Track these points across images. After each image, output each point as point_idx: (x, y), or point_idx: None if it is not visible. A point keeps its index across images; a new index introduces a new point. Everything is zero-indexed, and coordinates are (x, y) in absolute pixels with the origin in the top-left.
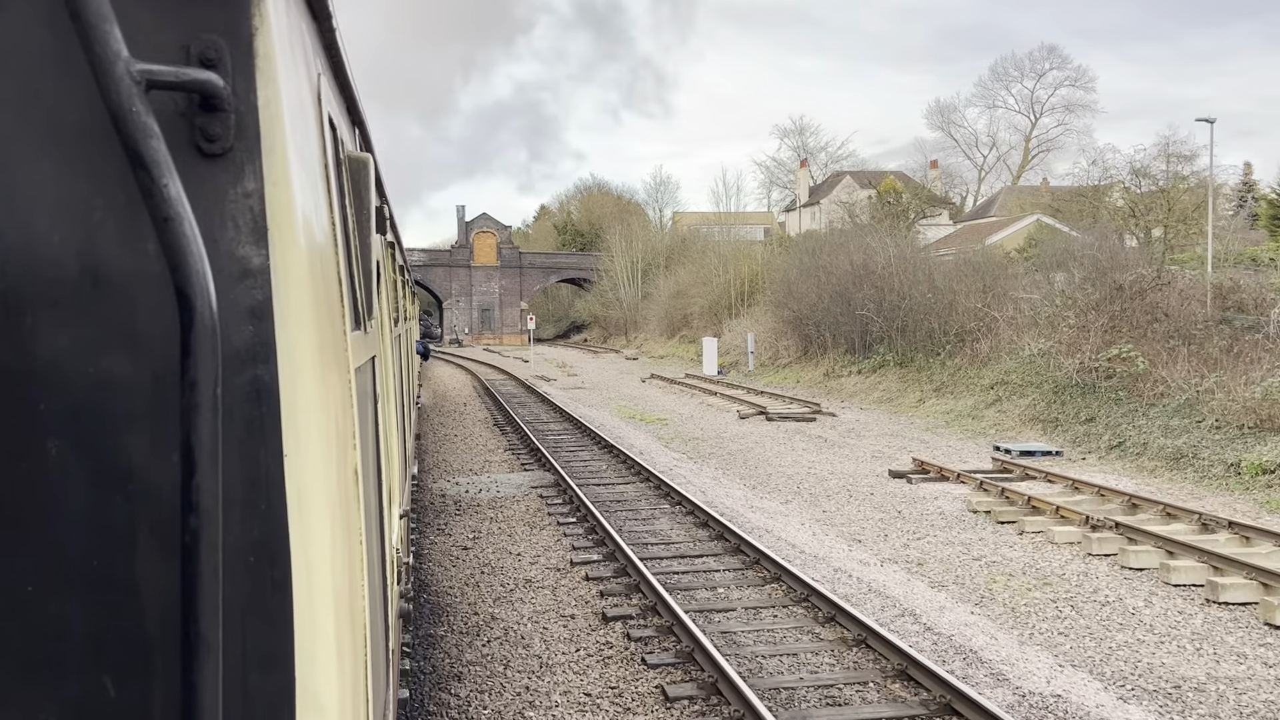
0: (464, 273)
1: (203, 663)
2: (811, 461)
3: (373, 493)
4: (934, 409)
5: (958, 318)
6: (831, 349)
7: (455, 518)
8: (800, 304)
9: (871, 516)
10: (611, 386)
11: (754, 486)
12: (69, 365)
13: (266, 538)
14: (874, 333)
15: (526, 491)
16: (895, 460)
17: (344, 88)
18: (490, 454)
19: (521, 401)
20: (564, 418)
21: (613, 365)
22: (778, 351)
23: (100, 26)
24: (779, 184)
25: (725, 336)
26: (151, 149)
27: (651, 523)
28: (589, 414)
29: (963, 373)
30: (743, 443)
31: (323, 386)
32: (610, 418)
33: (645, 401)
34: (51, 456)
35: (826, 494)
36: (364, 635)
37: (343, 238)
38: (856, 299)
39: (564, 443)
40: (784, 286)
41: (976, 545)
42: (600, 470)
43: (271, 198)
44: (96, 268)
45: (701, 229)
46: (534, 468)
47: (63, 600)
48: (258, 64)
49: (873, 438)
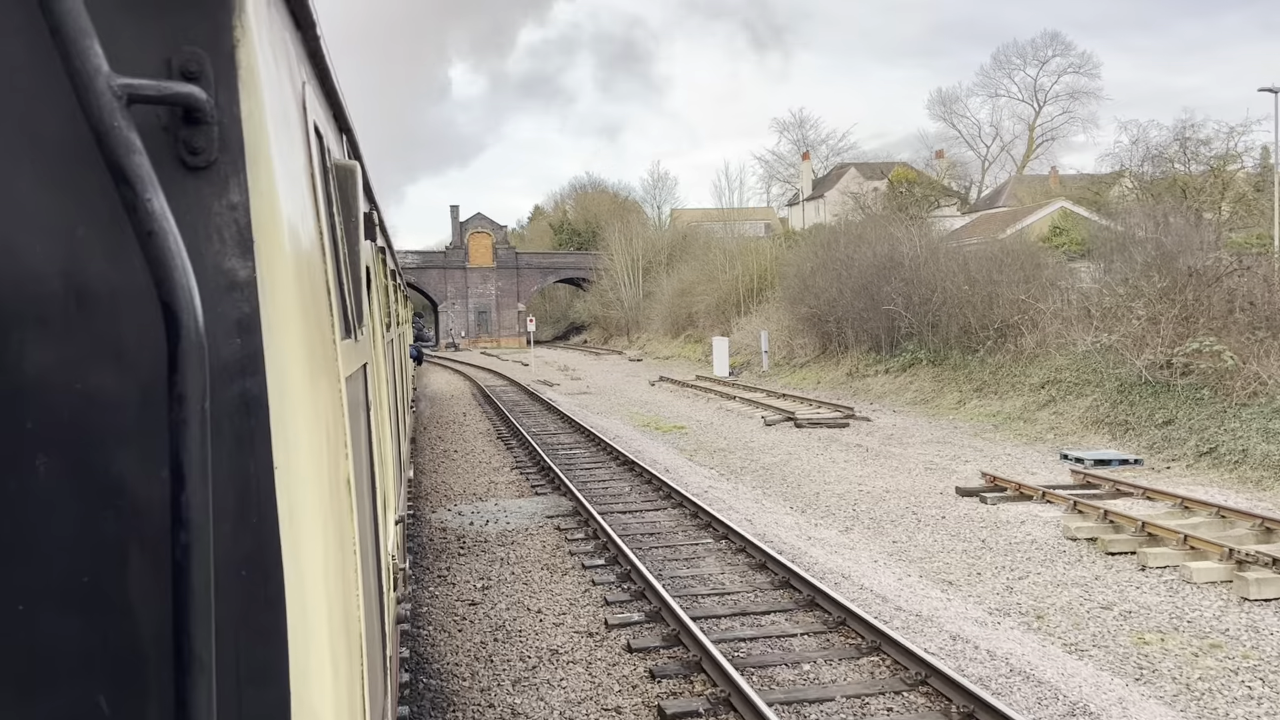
0: (459, 275)
1: (196, 679)
2: (859, 476)
3: (366, 501)
4: (977, 411)
5: (1000, 310)
6: (854, 347)
7: (459, 559)
8: (818, 300)
9: (952, 548)
10: (619, 391)
11: (803, 510)
12: (56, 382)
13: (258, 551)
14: (902, 329)
15: (541, 522)
16: (953, 472)
17: (330, 95)
18: (495, 473)
19: (525, 410)
20: (573, 428)
21: (617, 367)
22: (793, 350)
23: (80, 41)
24: (779, 178)
25: (735, 335)
26: (134, 164)
27: (696, 564)
28: (600, 423)
29: (1006, 371)
30: (775, 454)
31: (312, 397)
32: (623, 427)
33: (658, 407)
34: (40, 474)
35: (889, 518)
36: (360, 646)
37: (330, 246)
38: (883, 293)
39: (577, 459)
40: (799, 281)
41: (1097, 588)
42: (623, 493)
43: (257, 209)
44: (82, 284)
45: (703, 225)
46: (547, 491)
47: (55, 618)
48: (240, 75)
49: (918, 445)
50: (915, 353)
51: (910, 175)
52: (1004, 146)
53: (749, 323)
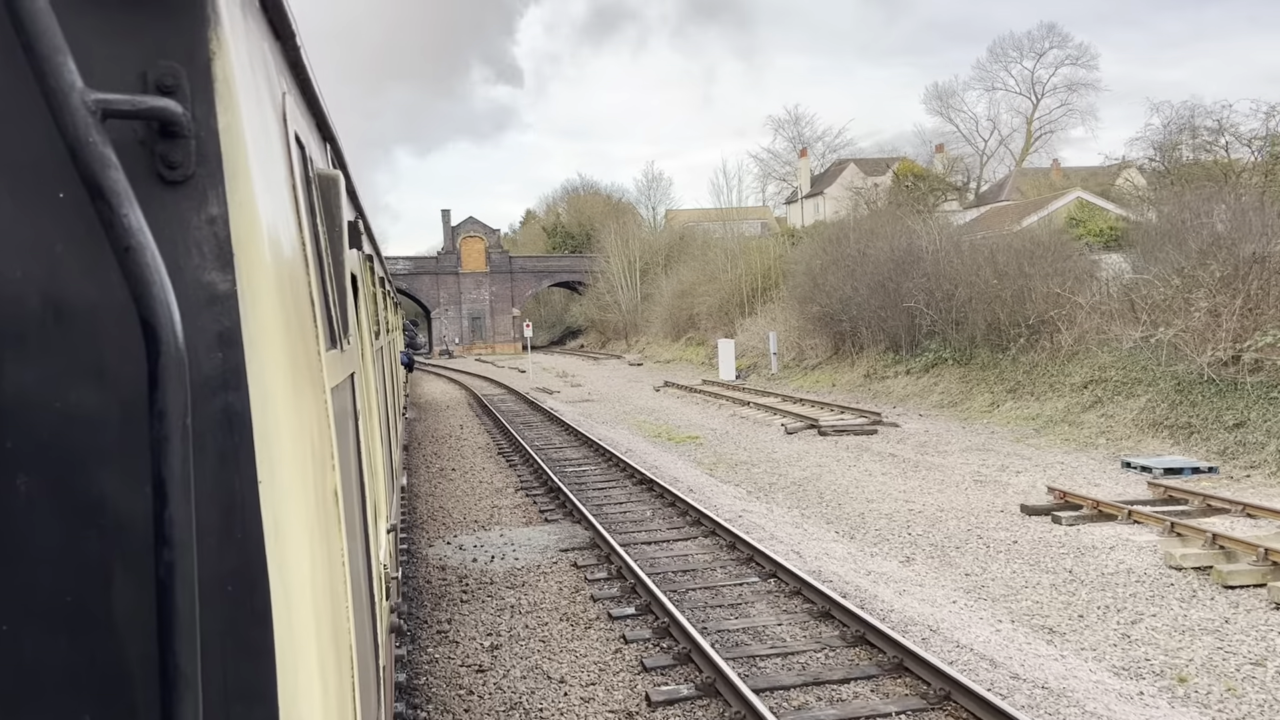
0: (452, 280)
1: (182, 697)
2: (902, 492)
3: (355, 511)
4: (1013, 414)
5: (1034, 305)
6: (870, 347)
7: (462, 608)
8: (830, 298)
9: (1037, 581)
10: (623, 397)
11: (851, 535)
12: (35, 400)
13: (244, 566)
14: (923, 327)
15: (554, 558)
16: (1005, 485)
17: (312, 105)
18: (499, 496)
19: (526, 421)
20: (580, 440)
21: (617, 373)
22: (802, 351)
23: (53, 58)
24: (775, 176)
25: (739, 337)
26: (110, 179)
27: (745, 612)
28: (608, 434)
29: (1042, 370)
30: (803, 467)
31: (296, 410)
32: (633, 438)
33: (666, 415)
34: (21, 493)
35: (952, 543)
36: (350, 658)
37: (314, 257)
38: (902, 289)
39: (588, 476)
40: (808, 280)
41: (1233, 635)
42: (645, 519)
43: (236, 222)
44: (60, 300)
45: (700, 225)
46: (558, 517)
47: (39, 638)
48: (217, 88)
49: (958, 454)
50: (939, 352)
51: (916, 169)
52: (1002, 140)
53: (754, 324)
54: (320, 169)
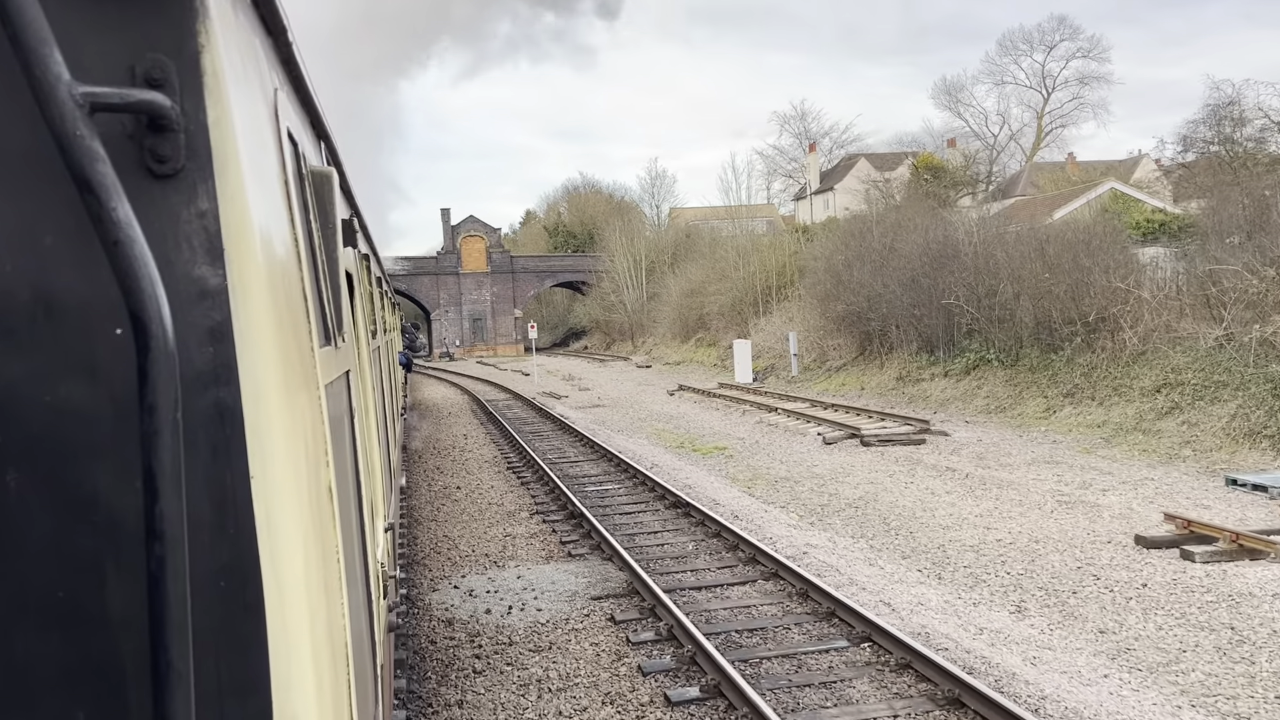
0: (452, 280)
1: (174, 691)
2: (977, 516)
3: (351, 508)
4: (1075, 421)
5: (1093, 301)
6: (901, 347)
7: (476, 682)
8: (855, 295)
9: (1196, 643)
10: (636, 403)
11: (938, 575)
12: (25, 395)
13: (236, 561)
14: (963, 325)
15: (585, 608)
16: (1095, 506)
17: (305, 102)
18: (511, 521)
19: (535, 430)
20: (596, 452)
21: (626, 375)
22: (824, 352)
23: (40, 50)
24: (782, 173)
25: (754, 337)
26: (99, 173)
27: (848, 697)
28: (626, 445)
29: (1103, 372)
30: (854, 484)
31: (288, 405)
32: (654, 449)
33: (686, 422)
34: (11, 488)
35: (1064, 586)
36: (346, 655)
37: (307, 253)
38: (938, 285)
39: (612, 497)
40: (830, 276)
41: None
42: (687, 553)
43: (226, 216)
44: (49, 295)
45: (708, 223)
46: (583, 550)
47: (31, 634)
48: (205, 81)
49: (1024, 468)
50: (981, 352)
51: (935, 162)
52: (1012, 135)
53: (770, 323)
54: (314, 166)
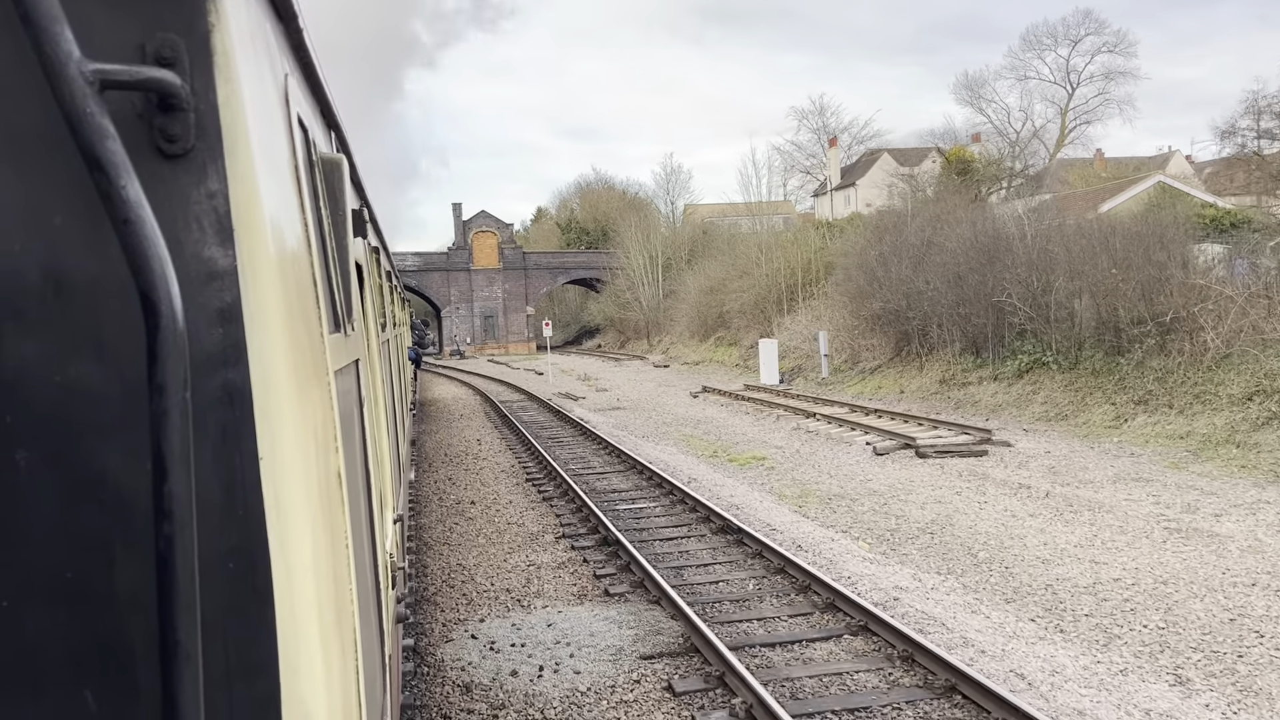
0: (463, 277)
1: (182, 671)
2: (1075, 545)
3: (360, 495)
4: (1152, 431)
5: (1169, 299)
6: (942, 348)
7: None
8: (893, 293)
9: None
10: (658, 405)
11: (1058, 626)
12: (35, 375)
13: (245, 543)
14: (1015, 325)
15: (635, 671)
16: (1214, 536)
17: (315, 89)
18: (535, 546)
19: (554, 435)
20: (623, 462)
21: (644, 376)
22: (856, 353)
23: (51, 28)
24: (800, 169)
25: (779, 337)
26: (108, 151)
27: None
28: (655, 454)
29: (1180, 377)
30: (919, 503)
31: (298, 389)
32: (686, 458)
33: (716, 428)
34: (20, 468)
35: (1225, 646)
36: (354, 640)
37: (317, 239)
38: (987, 282)
39: (649, 518)
40: (864, 273)
41: None
42: (750, 595)
43: (236, 197)
44: (59, 275)
45: (725, 219)
46: (623, 587)
47: (39, 614)
48: (216, 61)
49: (1109, 486)
50: (1035, 354)
51: (968, 154)
52: (1035, 131)
53: (795, 322)
54: (324, 153)
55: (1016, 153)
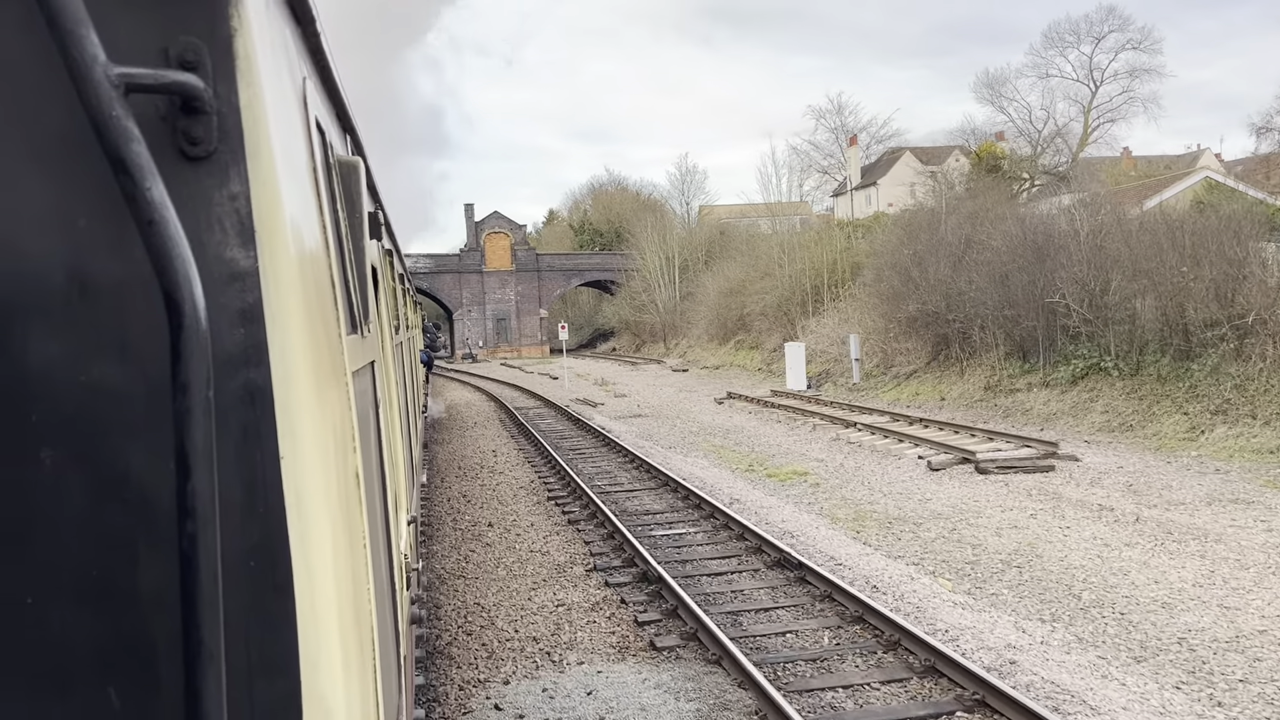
0: (475, 279)
1: (205, 669)
2: (1195, 585)
3: (376, 495)
4: (1233, 445)
5: (1249, 298)
6: (985, 352)
7: None
8: (931, 294)
9: None
10: (681, 412)
11: (1213, 699)
12: (60, 375)
13: (266, 541)
14: (1069, 327)
15: None
16: None
17: (332, 93)
18: (563, 582)
19: (575, 446)
20: (654, 477)
21: (663, 380)
22: (889, 356)
23: (76, 31)
24: (817, 168)
25: (804, 340)
26: (133, 153)
27: None
28: (687, 468)
29: (1262, 384)
30: (992, 529)
31: (318, 389)
32: (721, 472)
33: (747, 438)
34: (46, 467)
35: None
36: (372, 639)
37: (334, 241)
38: (1037, 281)
39: (692, 547)
40: (897, 273)
41: None
42: (828, 652)
43: (258, 199)
44: (84, 275)
45: (743, 220)
46: (672, 639)
47: (63, 611)
48: (238, 65)
49: (1204, 508)
50: (1093, 358)
51: (999, 151)
52: (1058, 129)
53: (821, 325)
54: (340, 156)
55: (1039, 151)
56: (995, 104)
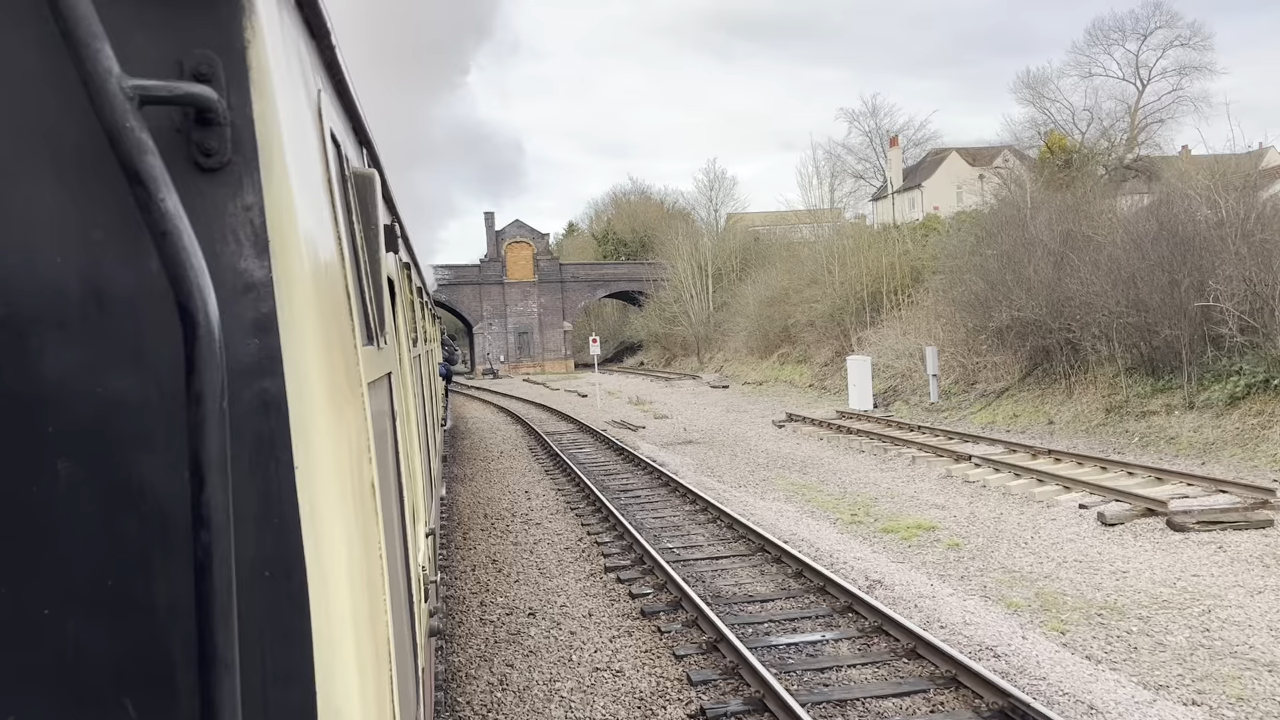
0: (496, 291)
1: (220, 679)
2: None
3: (393, 507)
4: None
5: None
6: (1099, 367)
7: None
8: (1028, 300)
9: None
10: (737, 437)
11: None
12: (76, 386)
13: (281, 552)
14: (1224, 338)
15: None
16: None
17: (348, 106)
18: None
19: (625, 485)
20: (739, 535)
21: (704, 399)
22: (970, 372)
23: (92, 44)
24: (851, 173)
25: (862, 353)
26: (148, 164)
27: None
28: (771, 517)
29: None
30: (1267, 628)
31: (332, 400)
32: (819, 526)
33: (828, 473)
34: (61, 478)
35: None
36: (388, 651)
37: (350, 252)
38: (1179, 284)
39: (838, 668)
40: (981, 277)
41: None
42: None
43: (272, 210)
44: (100, 287)
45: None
46: None
47: (79, 622)
48: (252, 76)
49: None
50: (1260, 375)
51: (1070, 145)
52: (1104, 130)
53: (881, 336)
54: (356, 168)
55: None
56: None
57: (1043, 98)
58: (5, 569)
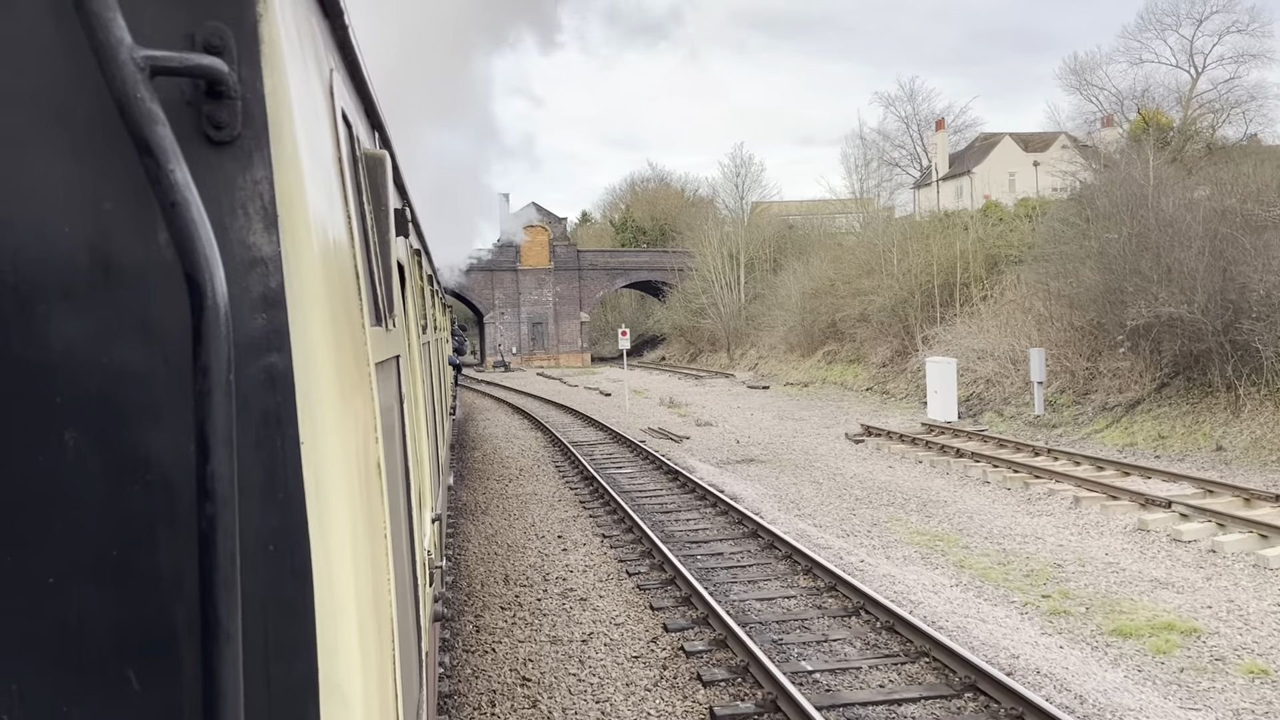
0: (509, 278)
1: (222, 650)
2: None
3: (399, 489)
4: None
5: None
6: (1276, 379)
7: None
8: (1172, 293)
9: None
10: (808, 455)
11: None
12: (83, 356)
13: (285, 527)
14: None
15: None
16: None
17: (360, 87)
18: None
19: (693, 531)
20: (874, 625)
21: (744, 400)
22: (1082, 380)
23: (104, 14)
24: (887, 161)
25: (929, 352)
26: (158, 135)
27: None
28: (919, 592)
29: None
30: None
31: (339, 377)
32: (1001, 615)
33: (964, 519)
34: (68, 448)
35: None
36: (391, 629)
37: (359, 232)
38: None
39: None
40: (1100, 266)
41: None
42: None
43: (281, 185)
44: (108, 258)
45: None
46: None
47: (84, 592)
48: (263, 50)
49: None
50: None
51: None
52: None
53: (954, 334)
54: (367, 149)
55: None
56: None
57: (1089, 85)
58: (10, 537)
